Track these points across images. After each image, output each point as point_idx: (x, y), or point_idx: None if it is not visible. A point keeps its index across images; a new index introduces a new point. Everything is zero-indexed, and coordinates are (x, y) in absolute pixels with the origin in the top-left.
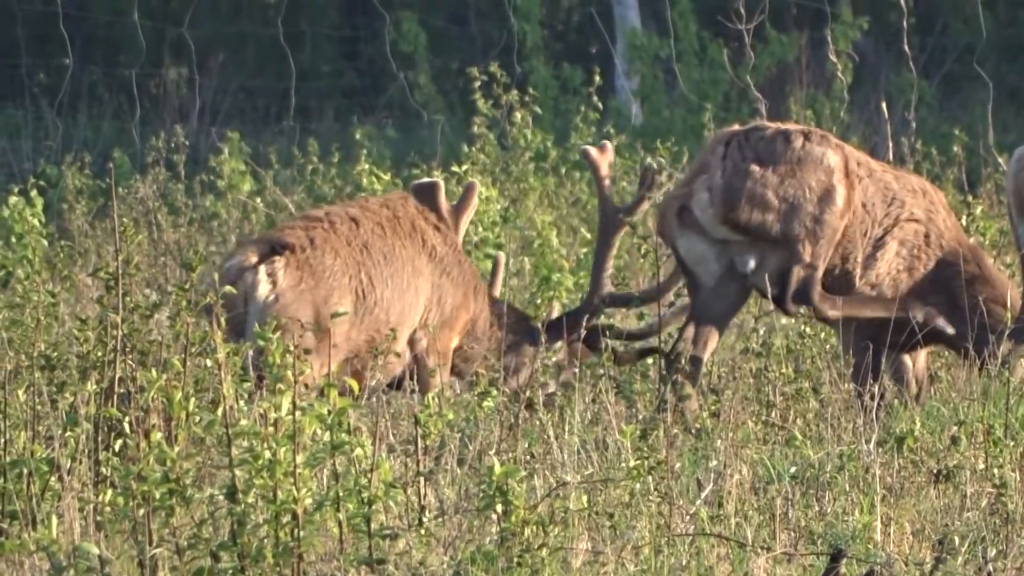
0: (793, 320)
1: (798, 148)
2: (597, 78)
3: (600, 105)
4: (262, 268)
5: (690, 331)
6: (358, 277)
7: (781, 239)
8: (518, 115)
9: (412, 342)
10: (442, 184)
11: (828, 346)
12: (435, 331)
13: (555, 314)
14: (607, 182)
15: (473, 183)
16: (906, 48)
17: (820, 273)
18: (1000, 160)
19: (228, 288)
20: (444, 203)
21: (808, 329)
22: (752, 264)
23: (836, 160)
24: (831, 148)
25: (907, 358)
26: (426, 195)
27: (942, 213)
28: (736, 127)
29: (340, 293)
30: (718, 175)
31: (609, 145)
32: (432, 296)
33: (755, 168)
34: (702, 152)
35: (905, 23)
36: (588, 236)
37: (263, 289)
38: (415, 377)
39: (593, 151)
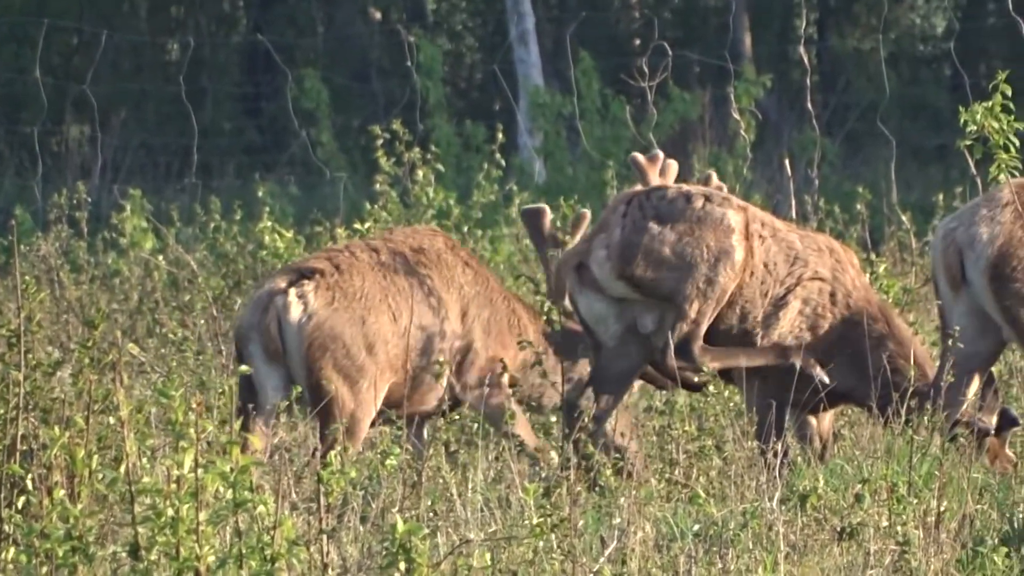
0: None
1: (698, 208)
2: (500, 135)
3: (503, 162)
4: (292, 291)
5: (593, 390)
6: (387, 301)
7: (672, 297)
8: (420, 172)
9: (461, 376)
10: (548, 210)
11: (732, 404)
12: (476, 370)
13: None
14: None
15: (585, 212)
16: (809, 106)
17: (702, 329)
18: (903, 218)
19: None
20: (549, 227)
21: (712, 387)
22: (651, 325)
23: (736, 220)
24: (732, 209)
25: (812, 417)
26: (533, 220)
27: (850, 272)
28: (639, 187)
29: (376, 313)
30: (617, 232)
31: (662, 154)
32: (462, 332)
33: (654, 225)
34: (605, 211)
35: (808, 81)
36: None
37: (295, 311)
38: (483, 412)
39: (641, 157)
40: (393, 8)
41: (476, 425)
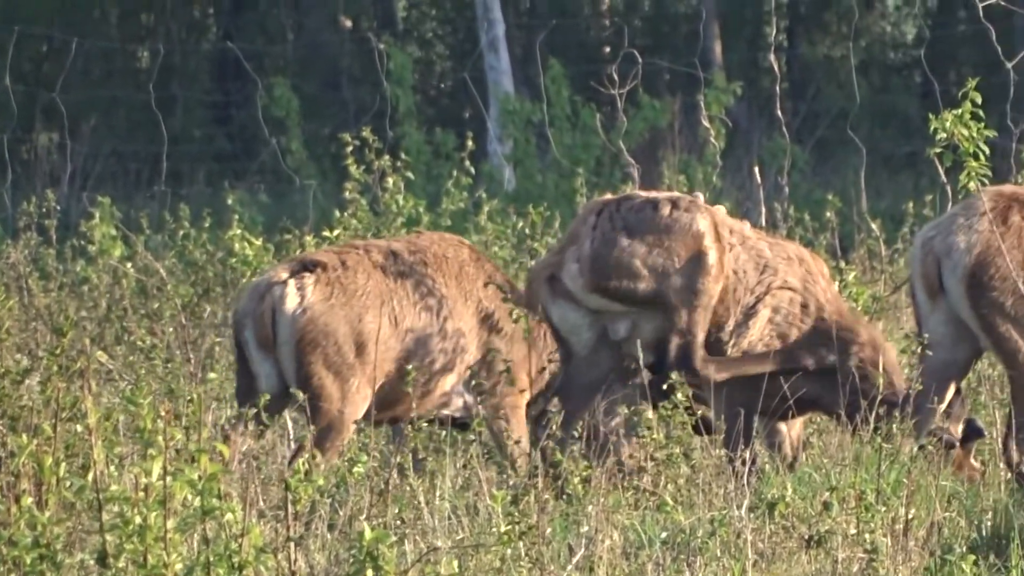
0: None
1: (666, 216)
2: (470, 143)
3: (472, 170)
4: (291, 282)
5: (560, 399)
6: (391, 303)
7: (653, 306)
8: (390, 180)
9: (478, 392)
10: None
11: (699, 412)
12: (492, 388)
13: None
14: None
15: None
16: (779, 113)
17: (700, 339)
18: (873, 226)
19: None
20: None
21: (680, 395)
22: (623, 331)
23: (705, 224)
24: (700, 213)
25: (782, 425)
26: None
27: (821, 282)
28: (608, 196)
29: (373, 314)
30: (587, 245)
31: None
32: (478, 348)
33: (623, 238)
34: (575, 221)
35: (778, 88)
36: None
37: (291, 302)
38: (491, 429)
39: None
40: (363, 16)
41: (444, 433)
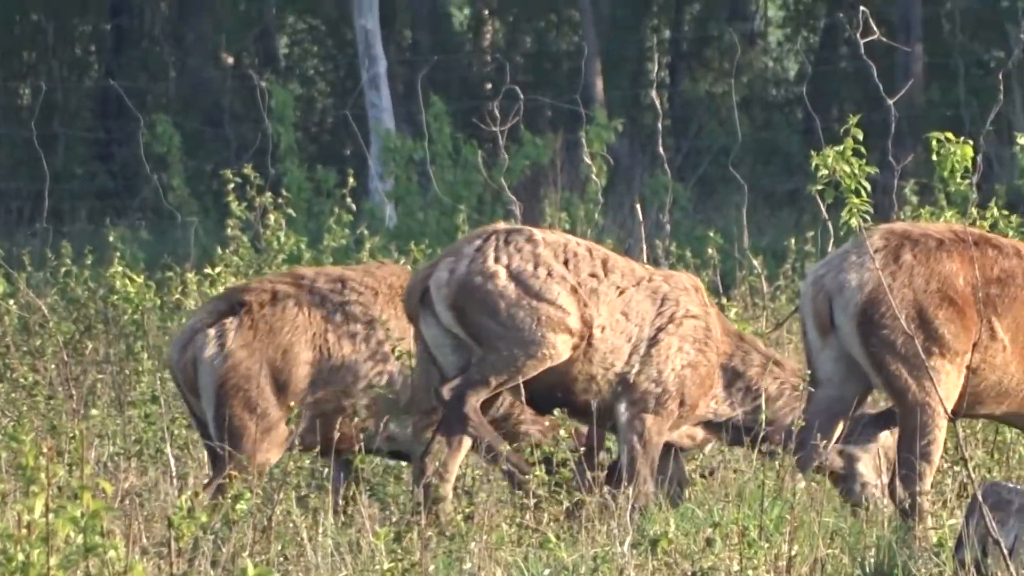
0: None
1: (542, 280)
2: (351, 180)
3: (354, 207)
4: (211, 331)
5: (441, 429)
6: (323, 336)
7: (486, 351)
8: (272, 217)
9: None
10: None
11: (583, 448)
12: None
13: None
14: None
15: None
16: (661, 150)
17: (488, 392)
18: (755, 263)
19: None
20: None
21: (563, 432)
22: None
23: (570, 304)
24: (565, 293)
25: (673, 459)
26: None
27: (713, 309)
28: (501, 225)
29: (299, 347)
30: (464, 263)
31: None
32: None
33: (502, 277)
34: (460, 239)
35: (660, 125)
36: None
37: (210, 351)
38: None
39: None
40: (245, 53)
41: (326, 469)
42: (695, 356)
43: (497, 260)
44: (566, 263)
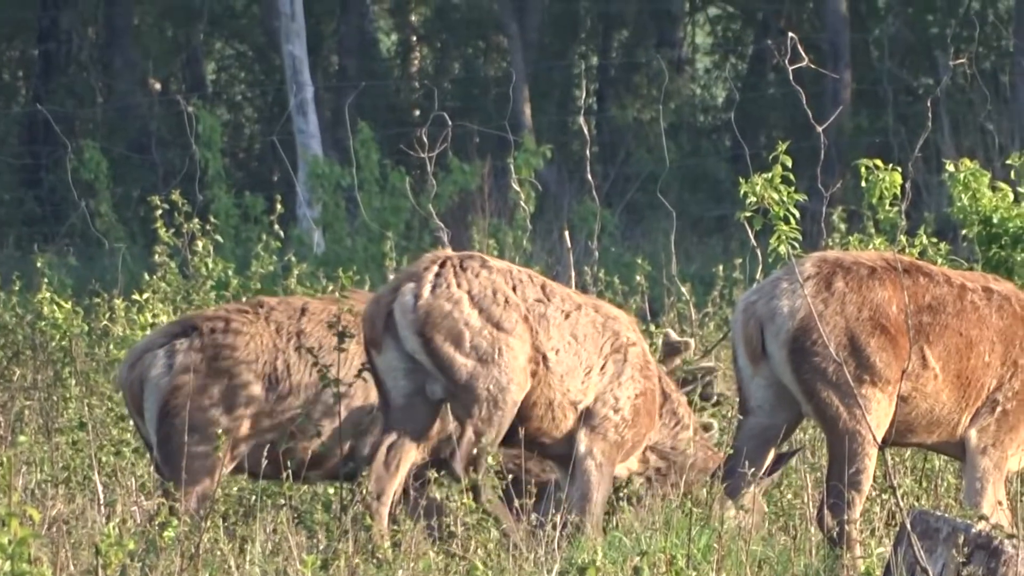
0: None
1: (500, 308)
2: (279, 206)
3: (282, 233)
4: (160, 351)
5: (380, 455)
6: (273, 363)
7: (464, 386)
8: (200, 244)
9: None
10: (691, 344)
11: (511, 476)
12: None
13: None
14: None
15: (688, 341)
16: (589, 177)
17: (496, 439)
18: (683, 289)
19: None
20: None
21: (491, 460)
22: (440, 392)
23: (520, 347)
24: (516, 336)
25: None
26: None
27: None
28: (449, 252)
29: (246, 376)
30: (427, 288)
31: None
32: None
33: (466, 304)
34: (412, 264)
35: (588, 151)
36: None
37: (156, 371)
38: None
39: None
40: (172, 79)
41: (254, 497)
42: (644, 384)
43: (459, 286)
44: (514, 289)
